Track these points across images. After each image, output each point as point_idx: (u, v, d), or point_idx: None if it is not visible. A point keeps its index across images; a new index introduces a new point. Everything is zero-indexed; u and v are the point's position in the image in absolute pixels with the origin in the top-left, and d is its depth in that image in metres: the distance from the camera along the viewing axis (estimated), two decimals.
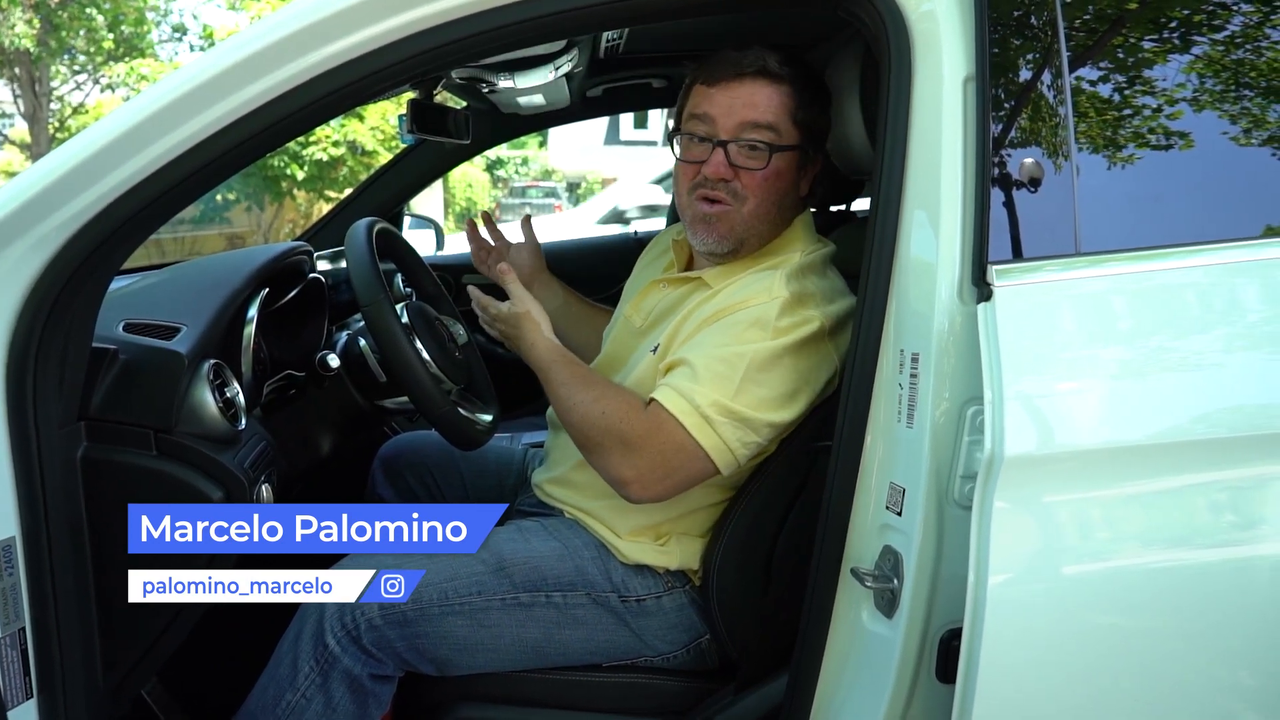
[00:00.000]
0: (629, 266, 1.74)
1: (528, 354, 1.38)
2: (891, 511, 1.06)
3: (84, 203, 1.03)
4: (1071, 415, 0.97)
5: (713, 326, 1.28)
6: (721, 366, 1.22)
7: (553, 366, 1.34)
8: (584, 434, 1.28)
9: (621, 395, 1.29)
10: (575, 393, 1.31)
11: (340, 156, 10.57)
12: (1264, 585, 0.97)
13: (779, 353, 1.23)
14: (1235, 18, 1.06)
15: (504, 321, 1.42)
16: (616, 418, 1.25)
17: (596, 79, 2.36)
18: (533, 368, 1.38)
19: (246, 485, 1.22)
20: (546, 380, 1.35)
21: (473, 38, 1.05)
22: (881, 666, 1.06)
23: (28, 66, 12.33)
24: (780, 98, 1.31)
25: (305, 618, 1.30)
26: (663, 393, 1.24)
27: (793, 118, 1.32)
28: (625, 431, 1.24)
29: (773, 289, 1.26)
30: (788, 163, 1.33)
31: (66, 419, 1.12)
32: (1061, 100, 1.01)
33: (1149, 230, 1.02)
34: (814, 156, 1.38)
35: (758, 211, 1.33)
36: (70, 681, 1.12)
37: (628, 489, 1.25)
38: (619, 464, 1.25)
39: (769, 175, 1.32)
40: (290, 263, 1.70)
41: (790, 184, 1.35)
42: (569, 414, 1.31)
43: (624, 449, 1.24)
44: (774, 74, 1.31)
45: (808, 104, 1.34)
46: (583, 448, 1.31)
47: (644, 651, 1.36)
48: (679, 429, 1.21)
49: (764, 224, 1.35)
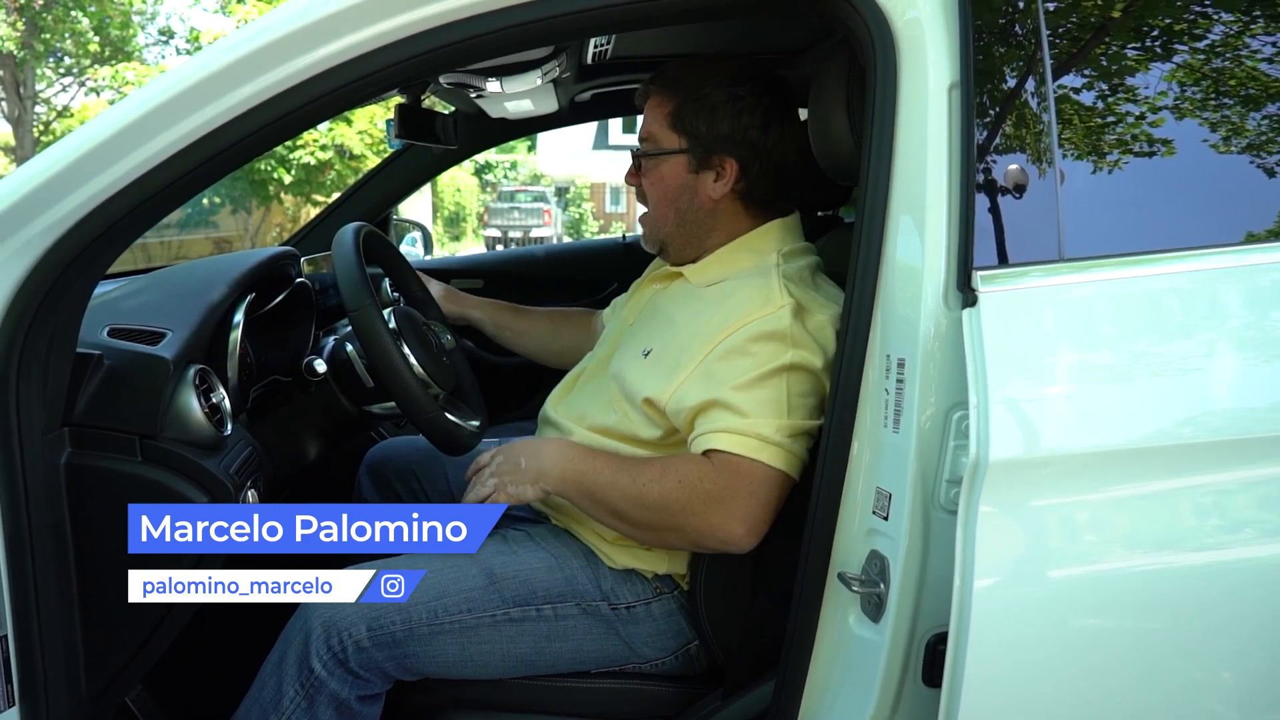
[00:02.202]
0: (617, 271, 1.75)
1: (543, 466, 1.29)
2: (878, 516, 1.06)
3: (69, 207, 1.02)
4: (1056, 420, 0.98)
5: (723, 352, 1.25)
6: (764, 391, 1.21)
7: (589, 464, 1.28)
8: (669, 510, 1.22)
9: (683, 459, 1.25)
10: (638, 477, 1.24)
11: (328, 160, 10.56)
12: (1249, 589, 0.98)
13: (806, 361, 1.23)
14: (1216, 26, 1.07)
15: (506, 458, 1.32)
16: (695, 479, 1.21)
17: (585, 84, 2.37)
18: (558, 481, 1.29)
19: (232, 491, 1.22)
20: (591, 482, 1.27)
21: (467, 41, 1.04)
22: (868, 671, 1.07)
23: (12, 69, 12.25)
24: (659, 109, 1.40)
25: (289, 640, 1.28)
26: (719, 440, 1.21)
27: (671, 126, 1.38)
28: (712, 490, 1.20)
29: (773, 299, 1.26)
30: (672, 166, 1.39)
31: (50, 425, 1.11)
32: (1045, 107, 1.02)
33: (1132, 236, 1.03)
34: (713, 160, 1.37)
35: (655, 213, 1.43)
36: (52, 689, 1.11)
37: (740, 543, 1.21)
38: (721, 522, 1.20)
39: (652, 180, 1.41)
40: (277, 267, 1.70)
41: (680, 186, 1.39)
42: (643, 498, 1.23)
43: (718, 505, 1.20)
44: (660, 86, 1.40)
45: (695, 111, 1.37)
46: (671, 528, 1.23)
47: (632, 658, 1.36)
48: (759, 466, 1.19)
49: (673, 226, 1.42)
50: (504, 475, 1.31)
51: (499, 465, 1.32)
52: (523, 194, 20.31)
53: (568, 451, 1.31)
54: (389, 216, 2.81)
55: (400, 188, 2.72)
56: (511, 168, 23.56)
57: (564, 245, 3.86)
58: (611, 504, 1.26)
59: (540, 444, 1.33)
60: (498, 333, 1.86)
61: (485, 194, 22.40)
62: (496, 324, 1.85)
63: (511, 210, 19.41)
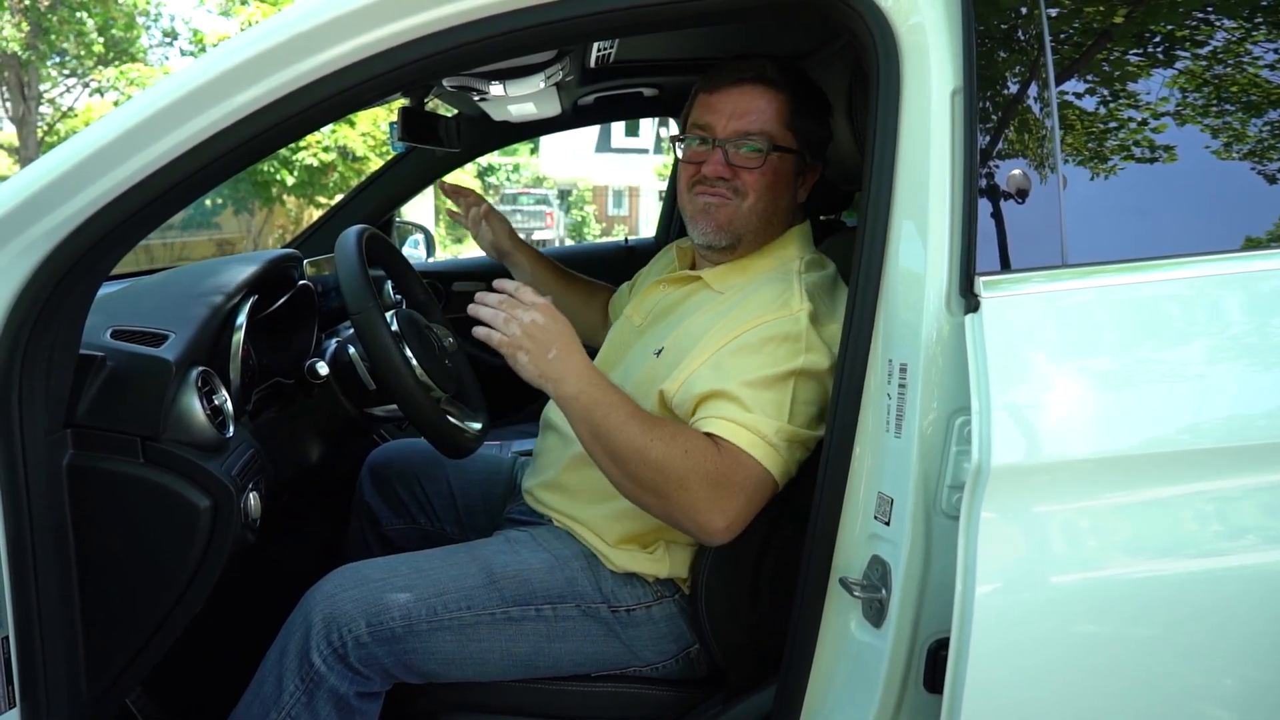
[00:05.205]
0: (620, 273, 1.75)
1: (565, 370, 1.19)
2: (880, 521, 1.06)
3: (73, 208, 1.02)
4: (1058, 426, 0.98)
5: (737, 347, 1.25)
6: (770, 393, 1.21)
7: (608, 396, 1.19)
8: (665, 475, 1.17)
9: (692, 432, 1.20)
10: (648, 430, 1.17)
11: (331, 162, 10.56)
12: (1250, 595, 0.97)
13: (816, 369, 1.23)
14: (1218, 33, 1.07)
15: (544, 330, 1.19)
16: (700, 455, 1.16)
17: (588, 88, 2.37)
18: (567, 397, 1.19)
19: (234, 493, 1.22)
20: (602, 414, 1.18)
21: (482, 42, 1.04)
22: (869, 676, 1.06)
23: (16, 70, 12.29)
24: (775, 104, 1.36)
25: (290, 635, 1.28)
26: (722, 427, 1.19)
27: (787, 124, 1.37)
28: (712, 471, 1.16)
29: (791, 304, 1.27)
30: (785, 164, 1.38)
31: (53, 426, 1.11)
32: (1048, 113, 1.02)
33: (1134, 242, 1.03)
34: (811, 164, 1.42)
35: (756, 208, 1.37)
36: (53, 691, 1.11)
37: (717, 535, 1.18)
38: (708, 507, 1.16)
39: (766, 173, 1.36)
40: (280, 269, 1.70)
41: (787, 186, 1.40)
42: (646, 452, 1.16)
43: (713, 489, 1.16)
44: (770, 81, 1.36)
45: (804, 112, 1.38)
46: (658, 492, 1.18)
47: (633, 661, 1.36)
48: (754, 462, 1.18)
49: (761, 221, 1.38)
50: (527, 341, 1.19)
51: (533, 328, 1.19)
52: (525, 197, 20.32)
53: (594, 377, 1.20)
54: (392, 219, 2.81)
55: (403, 190, 2.73)
56: (514, 170, 23.57)
57: (566, 248, 3.86)
58: (612, 444, 1.18)
59: (575, 350, 1.21)
60: (534, 287, 1.76)
61: (488, 196, 22.39)
62: (535, 279, 1.79)
63: (514, 213, 19.40)
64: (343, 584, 1.30)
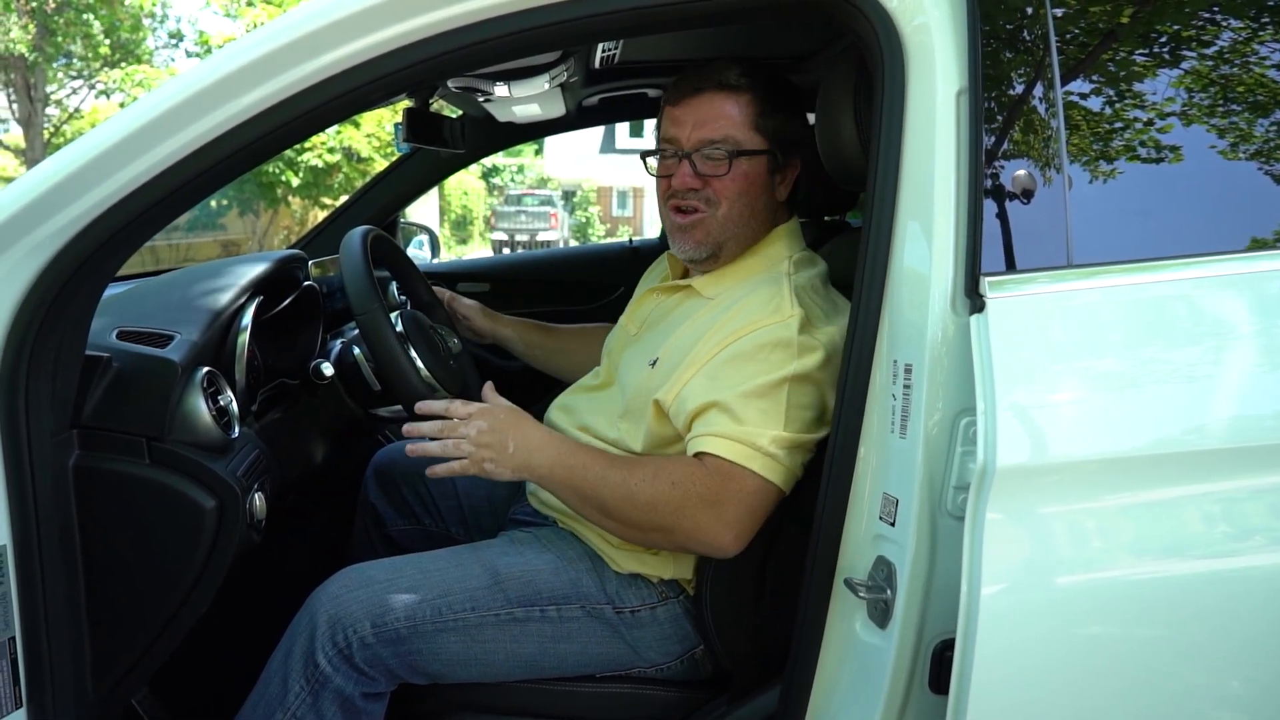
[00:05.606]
0: (624, 274, 1.75)
1: (531, 457, 1.24)
2: (885, 522, 1.06)
3: (79, 209, 1.03)
4: (1064, 426, 0.97)
5: (729, 356, 1.25)
6: (764, 401, 1.21)
7: (578, 457, 1.25)
8: (659, 511, 1.20)
9: (675, 460, 1.24)
10: (630, 475, 1.22)
11: (336, 163, 10.58)
12: (1256, 596, 0.97)
13: (811, 372, 1.23)
14: (1224, 32, 1.07)
15: (493, 430, 1.24)
16: (688, 481, 1.20)
17: (592, 88, 2.37)
18: (544, 477, 1.25)
19: (239, 494, 1.22)
20: (580, 476, 1.23)
21: (490, 42, 1.04)
22: (874, 677, 1.06)
23: (23, 71, 12.34)
24: (738, 107, 1.36)
25: (295, 635, 1.29)
26: (713, 444, 1.20)
27: (753, 126, 1.36)
28: (705, 493, 1.19)
29: (782, 309, 1.26)
30: (755, 167, 1.37)
31: (59, 427, 1.11)
32: (1053, 113, 1.02)
33: (1140, 243, 1.02)
34: (786, 161, 1.41)
35: (731, 214, 1.37)
36: (59, 691, 1.12)
37: (726, 548, 1.20)
38: (711, 527, 1.19)
39: (736, 178, 1.36)
40: (285, 270, 1.70)
41: (763, 187, 1.39)
42: (634, 497, 1.21)
43: (711, 510, 1.19)
44: (730, 85, 1.36)
45: (770, 111, 1.37)
46: (659, 528, 1.22)
47: (638, 662, 1.36)
48: (749, 474, 1.19)
49: (739, 226, 1.38)
50: (485, 451, 1.24)
51: (482, 436, 1.24)
52: (530, 197, 20.34)
53: (559, 446, 1.26)
54: (396, 220, 2.82)
55: (408, 191, 2.74)
56: (519, 171, 23.61)
57: (571, 249, 3.86)
58: (600, 500, 1.23)
59: (529, 430, 1.26)
60: (528, 352, 1.84)
61: (492, 197, 22.42)
62: (527, 344, 1.84)
63: (518, 214, 19.43)
64: (348, 585, 1.30)
